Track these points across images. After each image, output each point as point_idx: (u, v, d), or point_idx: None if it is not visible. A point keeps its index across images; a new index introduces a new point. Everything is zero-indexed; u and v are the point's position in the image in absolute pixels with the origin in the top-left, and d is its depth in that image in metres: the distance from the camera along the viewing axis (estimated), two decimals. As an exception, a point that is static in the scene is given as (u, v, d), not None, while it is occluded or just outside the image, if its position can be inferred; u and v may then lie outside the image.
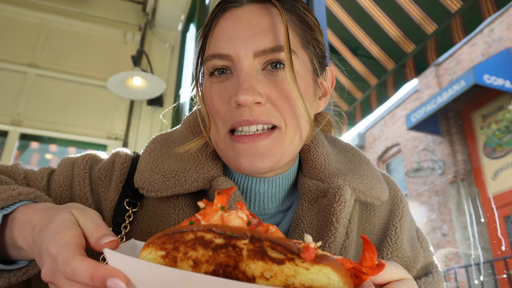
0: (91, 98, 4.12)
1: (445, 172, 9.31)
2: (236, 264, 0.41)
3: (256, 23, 0.68)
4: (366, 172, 0.76)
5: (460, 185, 8.75)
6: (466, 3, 2.28)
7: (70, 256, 0.44)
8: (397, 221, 0.76)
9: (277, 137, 0.67)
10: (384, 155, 11.84)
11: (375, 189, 0.73)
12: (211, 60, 0.69)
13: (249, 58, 0.66)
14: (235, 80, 0.67)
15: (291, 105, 0.67)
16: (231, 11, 0.71)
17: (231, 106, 0.66)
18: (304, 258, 0.40)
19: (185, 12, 4.59)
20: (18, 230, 0.56)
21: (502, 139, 7.92)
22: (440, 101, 8.98)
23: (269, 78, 0.67)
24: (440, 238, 8.74)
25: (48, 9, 4.27)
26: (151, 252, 0.43)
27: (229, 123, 0.67)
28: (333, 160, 0.77)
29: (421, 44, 2.63)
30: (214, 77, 0.69)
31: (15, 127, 3.78)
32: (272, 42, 0.67)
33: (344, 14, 2.89)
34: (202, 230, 0.41)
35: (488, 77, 8.12)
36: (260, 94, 0.65)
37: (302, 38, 0.71)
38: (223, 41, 0.68)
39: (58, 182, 0.75)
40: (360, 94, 3.15)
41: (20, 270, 0.61)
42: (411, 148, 10.54)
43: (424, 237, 0.82)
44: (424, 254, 0.78)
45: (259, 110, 0.66)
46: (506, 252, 5.99)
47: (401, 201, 0.80)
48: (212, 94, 0.69)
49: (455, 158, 9.22)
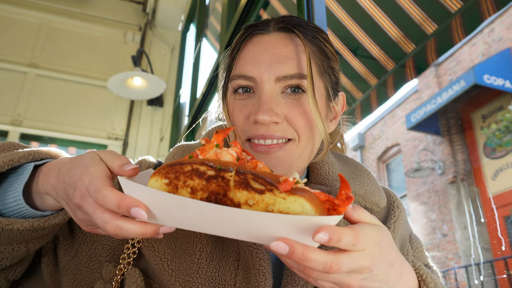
0: (91, 98, 4.13)
1: (445, 172, 9.31)
2: (225, 193, 0.50)
3: (280, 50, 0.76)
4: (367, 181, 0.85)
5: (460, 185, 8.75)
6: (466, 3, 2.28)
7: (101, 185, 0.52)
8: (391, 222, 0.83)
9: (289, 149, 0.75)
10: (384, 155, 11.83)
11: (374, 196, 0.81)
12: (237, 79, 0.78)
13: (271, 82, 0.75)
14: (256, 100, 0.75)
15: (305, 123, 0.75)
16: (258, 37, 0.80)
17: (249, 121, 0.75)
18: (281, 189, 0.47)
19: (185, 12, 4.59)
20: (43, 177, 0.64)
21: (502, 139, 7.92)
22: (440, 101, 8.98)
23: (286, 100, 0.75)
24: (440, 238, 8.74)
25: (48, 9, 4.27)
26: (157, 180, 0.51)
27: (247, 134, 0.76)
28: (337, 169, 0.86)
29: (421, 44, 2.62)
30: (238, 95, 0.78)
31: (15, 127, 3.78)
32: (294, 70, 0.75)
33: (344, 14, 2.89)
34: (197, 163, 0.50)
35: (488, 77, 8.11)
36: (277, 115, 0.73)
37: (319, 67, 0.79)
38: (249, 64, 0.77)
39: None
40: (360, 94, 3.15)
41: (44, 218, 0.69)
42: (411, 148, 10.54)
43: (416, 240, 0.87)
44: (415, 254, 0.85)
45: (275, 127, 0.74)
46: (506, 252, 5.99)
47: (398, 208, 0.87)
48: (235, 108, 0.78)
49: (455, 158, 9.21)
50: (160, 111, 4.35)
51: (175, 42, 4.70)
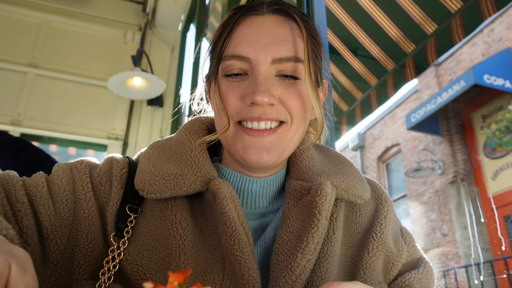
0: (91, 98, 4.12)
1: (445, 172, 9.31)
2: None
3: (276, 32, 0.74)
4: (348, 173, 0.81)
5: (460, 185, 8.74)
6: (466, 3, 2.28)
7: None
8: (382, 218, 0.81)
9: (282, 132, 0.74)
10: (384, 155, 11.83)
11: (356, 188, 0.78)
12: (229, 60, 0.74)
13: (267, 64, 0.72)
14: (251, 82, 0.72)
15: (300, 106, 0.74)
16: (252, 17, 0.76)
17: (244, 103, 0.72)
18: None
19: (185, 12, 4.59)
20: None
21: (502, 139, 7.91)
22: (440, 101, 8.98)
23: (281, 83, 0.74)
24: (440, 238, 8.74)
25: (48, 9, 4.27)
26: None
27: (240, 116, 0.73)
28: (317, 162, 0.83)
29: (421, 44, 2.63)
30: (230, 77, 0.75)
31: (15, 127, 3.78)
32: (290, 52, 0.73)
33: (344, 14, 2.89)
34: None
35: (488, 77, 8.11)
36: (273, 96, 0.72)
37: (311, 52, 0.77)
38: (243, 44, 0.73)
39: (61, 186, 0.74)
40: (360, 94, 3.15)
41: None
42: (411, 148, 10.54)
43: (408, 234, 0.85)
44: (408, 249, 0.83)
45: (270, 109, 0.72)
46: (506, 252, 5.99)
47: (386, 201, 0.85)
48: (227, 89, 0.74)
49: (455, 158, 9.21)
50: (160, 111, 4.35)
51: (175, 42, 4.70)
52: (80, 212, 0.73)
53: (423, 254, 0.85)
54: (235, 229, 0.67)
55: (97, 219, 0.73)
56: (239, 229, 0.67)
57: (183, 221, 0.71)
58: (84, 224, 0.72)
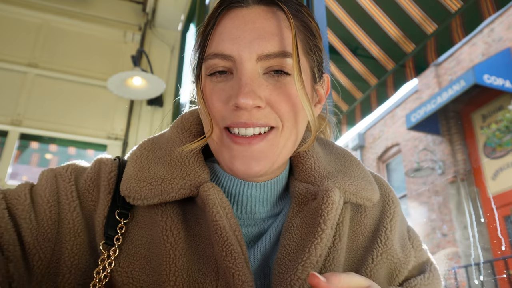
0: (91, 98, 4.12)
1: (445, 172, 9.31)
2: None
3: (261, 25, 0.66)
4: (357, 173, 0.75)
5: (460, 185, 8.74)
6: (466, 3, 2.28)
7: None
8: (387, 222, 0.75)
9: (272, 139, 0.66)
10: (384, 155, 11.83)
11: (365, 190, 0.72)
12: (212, 59, 0.67)
13: (252, 61, 0.65)
14: (235, 82, 0.65)
15: (290, 108, 0.66)
16: (236, 10, 0.69)
17: (229, 107, 0.65)
18: None
19: (185, 12, 4.59)
20: None
21: (502, 139, 7.92)
22: (440, 101, 8.98)
23: (269, 82, 0.66)
24: (440, 238, 8.74)
25: (48, 9, 4.27)
26: None
27: (226, 122, 0.66)
28: (324, 162, 0.76)
29: (421, 44, 2.62)
30: (214, 77, 0.68)
31: (15, 127, 3.78)
32: (277, 47, 0.65)
33: (344, 14, 2.89)
34: None
35: (488, 77, 8.11)
36: (260, 98, 0.64)
37: (304, 44, 0.70)
38: (226, 41, 0.66)
39: (44, 198, 0.69)
40: (360, 94, 3.15)
41: None
42: (411, 148, 10.54)
43: (415, 236, 0.80)
44: (416, 254, 0.77)
45: (258, 113, 0.65)
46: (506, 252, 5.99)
47: (393, 202, 0.79)
48: (212, 92, 0.67)
49: (455, 158, 9.21)
50: (160, 111, 4.35)
51: (175, 42, 4.70)
52: (65, 223, 0.67)
53: (430, 256, 0.81)
54: (226, 238, 0.62)
55: (83, 230, 0.68)
56: (231, 239, 0.62)
57: (174, 228, 0.66)
58: (69, 236, 0.67)
